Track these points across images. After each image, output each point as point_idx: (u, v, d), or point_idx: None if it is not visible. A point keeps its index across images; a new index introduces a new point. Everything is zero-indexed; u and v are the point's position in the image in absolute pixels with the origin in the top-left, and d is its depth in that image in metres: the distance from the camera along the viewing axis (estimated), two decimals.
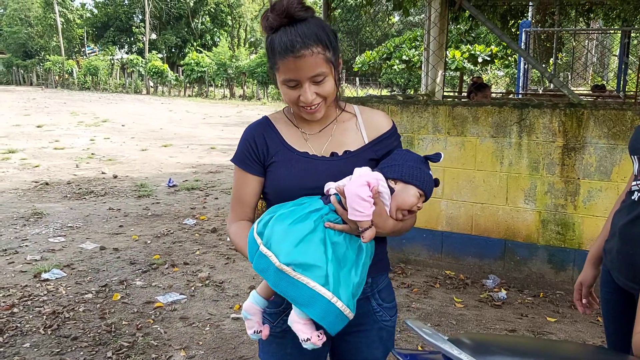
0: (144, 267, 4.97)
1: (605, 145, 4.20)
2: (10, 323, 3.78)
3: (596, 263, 2.06)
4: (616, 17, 10.58)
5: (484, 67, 21.35)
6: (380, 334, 1.70)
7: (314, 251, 1.40)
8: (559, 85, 5.09)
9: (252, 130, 1.67)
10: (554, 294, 4.43)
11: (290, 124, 1.67)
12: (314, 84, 1.51)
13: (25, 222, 6.39)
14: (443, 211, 4.86)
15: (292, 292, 1.39)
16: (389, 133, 1.67)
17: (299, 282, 1.38)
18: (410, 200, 1.50)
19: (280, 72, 1.50)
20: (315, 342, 1.43)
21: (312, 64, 1.48)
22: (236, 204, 1.69)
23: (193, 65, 36.74)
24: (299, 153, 1.61)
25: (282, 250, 1.41)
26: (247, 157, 1.65)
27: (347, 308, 1.40)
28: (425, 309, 4.14)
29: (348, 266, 1.43)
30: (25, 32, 50.15)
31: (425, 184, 1.52)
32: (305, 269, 1.38)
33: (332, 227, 1.44)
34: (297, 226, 1.43)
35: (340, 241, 1.44)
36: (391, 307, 1.73)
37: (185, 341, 3.58)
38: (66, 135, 15.12)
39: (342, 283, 1.40)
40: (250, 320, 1.54)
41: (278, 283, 1.40)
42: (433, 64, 6.68)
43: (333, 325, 1.40)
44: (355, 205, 1.40)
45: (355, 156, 1.61)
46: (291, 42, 1.46)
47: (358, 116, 1.68)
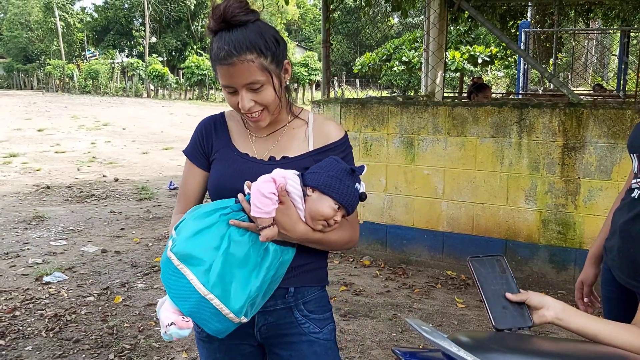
0: (145, 269, 4.97)
1: (605, 145, 4.21)
2: (12, 326, 3.79)
3: (597, 262, 2.06)
4: (615, 17, 10.59)
5: (484, 68, 21.36)
6: (313, 348, 1.60)
7: (206, 245, 1.37)
8: (559, 85, 5.09)
9: (205, 124, 1.67)
10: (556, 293, 4.43)
11: (241, 124, 1.66)
12: (250, 92, 1.47)
13: (26, 226, 6.40)
14: (444, 211, 4.86)
15: (171, 281, 1.37)
16: (335, 144, 1.61)
17: (179, 272, 1.36)
18: (324, 210, 1.44)
19: (219, 78, 1.49)
20: (182, 326, 1.36)
21: (244, 71, 1.44)
22: (181, 196, 1.69)
23: (193, 68, 36.78)
24: (238, 153, 1.60)
25: (178, 240, 1.39)
26: (195, 150, 1.65)
27: (225, 307, 1.35)
28: (426, 310, 4.14)
29: (248, 268, 1.38)
30: (26, 36, 50.20)
31: (343, 196, 1.44)
32: (189, 261, 1.36)
33: (237, 224, 1.41)
34: (199, 220, 1.42)
35: (242, 241, 1.40)
36: (321, 320, 1.63)
37: (187, 343, 3.59)
38: (67, 138, 15.14)
39: (233, 283, 1.36)
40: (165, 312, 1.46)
41: (164, 272, 1.39)
42: (433, 65, 6.69)
43: (207, 323, 1.36)
44: (256, 200, 1.37)
45: (292, 162, 1.56)
46: (223, 50, 1.43)
47: (310, 124, 1.64)
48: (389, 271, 4.96)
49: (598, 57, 18.10)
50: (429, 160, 4.85)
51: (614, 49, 15.40)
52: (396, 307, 4.17)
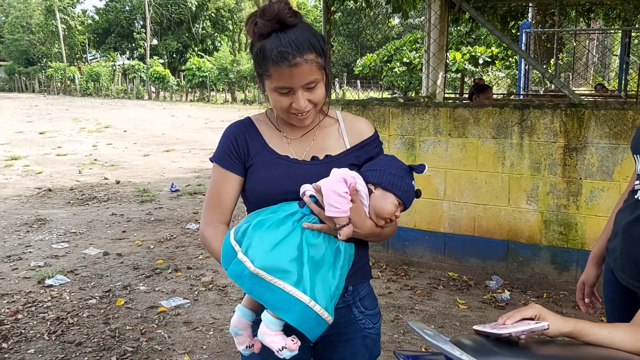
0: (147, 272, 4.98)
1: (606, 145, 4.20)
2: (15, 329, 3.79)
3: (599, 262, 2.06)
4: (616, 17, 10.57)
5: (485, 69, 21.36)
6: (365, 342, 1.67)
7: (290, 255, 1.36)
8: (560, 85, 5.09)
9: (234, 129, 1.63)
10: (558, 294, 4.43)
11: (272, 127, 1.64)
12: (306, 91, 1.48)
13: (28, 229, 6.41)
14: (445, 213, 4.86)
15: (268, 296, 1.35)
16: (370, 140, 1.65)
17: (274, 286, 1.34)
18: (387, 207, 1.48)
19: (273, 80, 1.46)
20: (291, 348, 1.38)
21: (306, 71, 1.44)
22: (213, 205, 1.63)
23: (194, 70, 36.84)
24: (279, 156, 1.58)
25: (257, 254, 1.37)
26: (228, 155, 1.61)
27: (325, 312, 1.36)
28: (428, 311, 4.14)
29: (325, 268, 1.39)
30: (27, 39, 50.28)
31: (404, 193, 1.48)
32: (280, 273, 1.34)
33: (310, 227, 1.41)
34: (273, 230, 1.40)
35: (318, 243, 1.40)
36: (374, 315, 1.70)
37: (189, 345, 3.59)
38: (69, 141, 15.17)
39: (319, 286, 1.36)
40: (241, 336, 1.49)
41: (253, 288, 1.36)
42: (434, 66, 6.68)
43: (311, 330, 1.35)
44: (331, 201, 1.38)
45: (336, 161, 1.58)
46: (286, 50, 1.42)
47: (340, 122, 1.66)
48: (390, 272, 4.95)
49: (599, 58, 18.09)
50: (430, 161, 4.84)
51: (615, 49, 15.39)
52: (398, 309, 4.17)
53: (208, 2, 48.50)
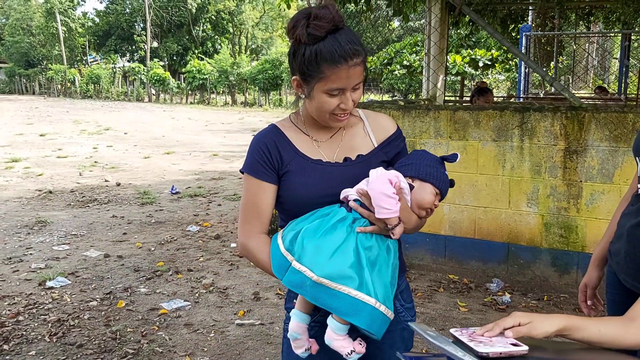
0: (148, 274, 4.98)
1: (607, 148, 4.21)
2: (16, 331, 3.79)
3: (601, 264, 2.07)
4: (616, 20, 10.59)
5: (485, 72, 21.38)
6: (403, 334, 1.73)
7: (349, 260, 1.40)
8: (560, 88, 5.10)
9: (263, 138, 1.62)
10: (558, 297, 4.43)
11: (299, 131, 1.64)
12: (353, 92, 1.51)
13: (29, 231, 6.41)
14: (446, 215, 4.87)
15: (335, 303, 1.38)
16: (395, 135, 1.69)
17: (340, 292, 1.38)
18: (428, 197, 1.53)
19: (328, 81, 1.46)
20: (360, 351, 1.45)
21: (359, 72, 1.49)
22: (252, 216, 1.62)
23: (195, 73, 36.86)
24: (312, 161, 1.59)
25: (317, 263, 1.40)
26: (261, 165, 1.59)
27: (388, 310, 1.41)
28: (429, 313, 4.14)
29: (381, 267, 1.44)
30: (28, 41, 50.35)
31: (441, 182, 1.54)
32: (344, 279, 1.38)
33: (364, 230, 1.44)
34: (328, 237, 1.43)
35: (372, 244, 1.45)
36: (411, 308, 1.76)
37: (190, 348, 3.59)
38: (69, 143, 15.17)
39: (379, 286, 1.41)
40: (300, 340, 1.53)
41: (318, 296, 1.39)
42: (434, 69, 6.69)
43: (379, 329, 1.40)
44: (382, 203, 1.40)
45: (368, 160, 1.61)
46: (346, 52, 1.44)
47: (365, 120, 1.68)
48: None
49: (599, 61, 18.11)
50: None
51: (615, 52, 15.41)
52: None
53: (208, 4, 48.57)
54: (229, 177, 10.32)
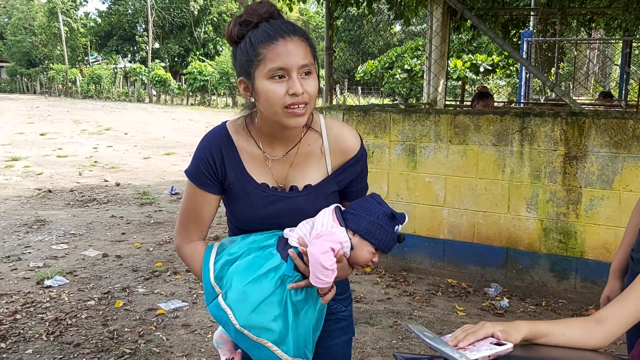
0: (146, 274, 4.98)
1: (607, 154, 4.21)
2: (13, 329, 3.79)
3: (621, 275, 2.03)
4: (617, 27, 10.61)
5: (486, 77, 21.41)
6: (339, 325, 1.72)
7: (273, 313, 1.41)
8: (561, 94, 5.11)
9: (210, 146, 1.52)
10: (557, 302, 4.43)
11: (251, 142, 1.53)
12: (301, 78, 1.38)
13: (28, 229, 6.41)
14: (445, 219, 4.87)
15: (254, 352, 1.42)
16: (354, 159, 1.56)
17: (259, 344, 1.41)
18: (363, 256, 1.46)
19: (267, 62, 1.36)
20: None
21: (300, 51, 1.38)
22: (191, 224, 1.58)
23: (196, 74, 36.90)
24: (257, 185, 1.52)
25: (241, 312, 1.41)
26: (205, 176, 1.52)
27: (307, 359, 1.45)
28: (427, 317, 4.14)
29: (307, 315, 1.46)
30: (30, 40, 50.42)
31: (382, 243, 1.45)
32: (265, 332, 1.40)
33: (296, 286, 1.43)
34: (256, 286, 1.42)
35: (301, 298, 1.45)
36: (345, 298, 1.73)
37: (187, 348, 3.58)
38: (69, 143, 15.18)
39: (302, 337, 1.44)
40: (222, 349, 1.59)
41: (240, 341, 1.43)
42: (435, 73, 6.70)
43: None
44: (318, 273, 1.38)
45: (316, 191, 1.53)
46: (280, 28, 1.38)
47: (324, 138, 1.55)
48: (389, 278, 4.95)
49: (600, 67, 18.13)
50: (431, 167, 4.85)
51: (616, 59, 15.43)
52: (397, 315, 4.16)
53: (210, 6, 48.64)
54: None
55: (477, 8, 7.53)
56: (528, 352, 1.24)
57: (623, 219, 4.21)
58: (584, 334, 1.31)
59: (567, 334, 1.30)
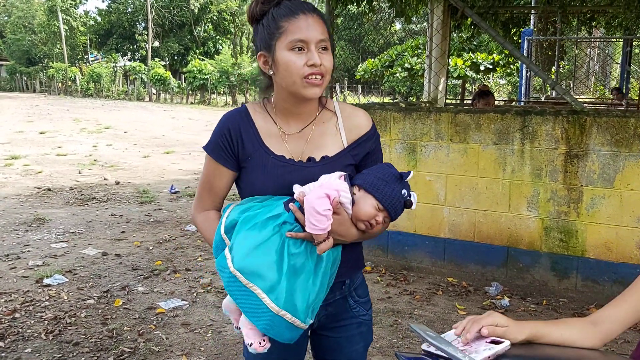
0: (145, 273, 4.96)
1: (608, 153, 4.20)
2: (12, 328, 3.77)
3: None
4: (618, 26, 10.60)
5: (486, 76, 21.39)
6: (360, 329, 1.73)
7: (268, 260, 1.38)
8: (562, 92, 5.09)
9: (229, 122, 1.60)
10: (557, 301, 4.42)
11: (269, 119, 1.61)
12: (319, 52, 1.47)
13: (27, 228, 6.39)
14: (445, 218, 4.85)
15: (241, 298, 1.39)
16: (367, 135, 1.63)
17: (249, 290, 1.37)
18: (366, 210, 1.45)
19: (287, 34, 1.46)
20: (257, 349, 1.44)
21: (318, 26, 1.48)
22: (206, 194, 1.66)
23: (195, 73, 36.87)
24: (275, 156, 1.56)
25: (238, 255, 1.39)
26: (222, 149, 1.59)
27: (296, 319, 1.38)
28: (427, 316, 4.12)
29: (305, 276, 1.40)
30: (29, 39, 50.36)
31: (385, 197, 1.44)
32: (256, 277, 1.37)
33: (293, 236, 1.41)
34: (255, 232, 1.41)
35: (300, 251, 1.41)
36: (366, 301, 1.76)
37: (187, 347, 3.57)
38: (69, 141, 15.16)
39: (297, 293, 1.38)
40: (231, 317, 1.59)
41: (230, 287, 1.40)
42: (435, 72, 6.69)
43: (281, 335, 1.39)
44: (311, 218, 1.37)
45: (333, 162, 1.57)
46: (303, 5, 1.49)
47: (338, 116, 1.63)
48: (390, 277, 4.94)
49: (600, 66, 18.12)
50: (431, 166, 4.84)
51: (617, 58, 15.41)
52: (397, 314, 4.15)
53: (210, 4, 48.60)
54: None
55: (477, 6, 7.51)
56: (527, 351, 1.24)
57: (624, 217, 4.20)
58: (581, 334, 1.32)
59: (565, 335, 1.31)
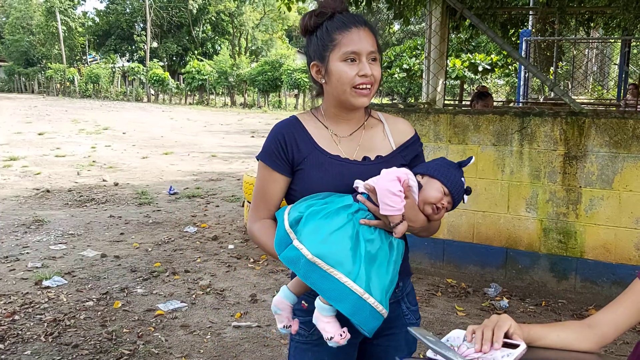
0: (145, 274, 4.96)
1: (606, 154, 4.21)
2: (11, 330, 3.77)
3: None
4: (616, 26, 10.61)
5: (484, 76, 21.40)
6: (407, 337, 1.72)
7: (345, 246, 1.40)
8: (560, 93, 5.10)
9: (282, 129, 1.64)
10: (556, 302, 4.42)
11: (319, 125, 1.66)
12: (369, 63, 1.54)
13: (26, 230, 6.39)
14: (444, 219, 4.86)
15: (324, 284, 1.38)
16: (413, 139, 1.71)
17: (330, 275, 1.37)
18: (433, 194, 1.50)
19: (341, 46, 1.53)
20: (339, 341, 1.42)
21: (370, 39, 1.55)
22: (260, 202, 1.67)
23: (194, 74, 36.84)
24: (331, 156, 1.61)
25: (313, 242, 1.40)
26: (276, 156, 1.62)
27: (379, 305, 1.38)
28: (427, 318, 4.13)
29: (381, 262, 1.43)
30: (27, 40, 50.29)
31: (450, 181, 1.52)
32: (336, 263, 1.38)
33: (367, 223, 1.44)
34: (329, 220, 1.43)
35: (374, 238, 1.44)
36: (416, 310, 1.77)
37: (186, 349, 3.57)
38: (67, 142, 15.15)
39: (374, 280, 1.39)
40: (280, 315, 1.55)
41: (309, 275, 1.39)
42: (434, 73, 6.69)
43: (365, 321, 1.38)
44: (386, 200, 1.40)
45: (387, 161, 1.61)
46: (355, 18, 1.55)
47: (384, 123, 1.71)
48: None
49: (599, 66, 18.14)
50: None
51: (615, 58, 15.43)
52: None
53: (209, 5, 48.58)
54: (227, 178, 10.31)
55: (476, 7, 7.51)
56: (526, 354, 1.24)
57: (623, 219, 4.20)
58: (577, 337, 1.33)
59: (562, 337, 1.32)
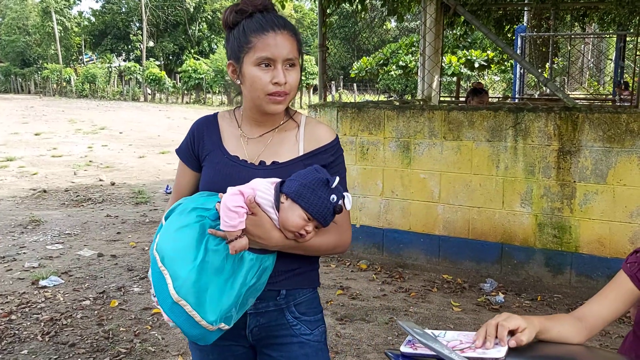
0: (141, 273, 4.97)
1: (600, 149, 4.22)
2: (8, 330, 3.78)
3: None
4: (611, 22, 10.62)
5: (481, 72, 21.42)
6: (304, 350, 1.60)
7: (183, 245, 1.40)
8: (554, 89, 5.12)
9: (197, 125, 1.68)
10: (552, 297, 4.44)
11: (234, 124, 1.65)
12: (285, 69, 1.50)
13: (23, 230, 6.39)
14: (440, 215, 4.87)
15: (156, 280, 1.42)
16: (325, 147, 1.60)
17: (161, 273, 1.40)
18: (293, 220, 1.43)
19: (256, 50, 1.49)
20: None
21: (287, 44, 1.50)
22: (174, 194, 1.72)
23: (190, 72, 36.77)
24: (229, 156, 1.60)
25: (160, 237, 1.45)
26: (187, 150, 1.67)
27: (196, 314, 1.37)
28: (422, 313, 4.14)
29: (223, 276, 1.40)
30: (23, 40, 50.16)
31: (313, 207, 1.41)
32: (168, 263, 1.40)
33: (214, 233, 1.42)
34: (179, 217, 1.45)
35: (219, 249, 1.41)
36: (312, 321, 1.64)
37: (183, 347, 3.58)
38: (64, 142, 15.12)
39: (208, 291, 1.37)
40: None
41: (152, 267, 1.45)
42: (429, 69, 6.70)
43: (182, 327, 1.40)
44: (223, 215, 1.38)
45: (282, 168, 1.56)
46: (272, 20, 1.50)
47: (301, 127, 1.63)
48: (385, 275, 4.96)
49: (594, 62, 18.17)
50: (425, 164, 4.86)
51: (610, 54, 15.47)
52: (392, 311, 4.17)
53: (205, 4, 48.50)
54: None
55: (470, 4, 7.52)
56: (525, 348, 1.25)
57: (617, 213, 4.22)
58: (572, 330, 1.36)
59: (562, 331, 1.34)
